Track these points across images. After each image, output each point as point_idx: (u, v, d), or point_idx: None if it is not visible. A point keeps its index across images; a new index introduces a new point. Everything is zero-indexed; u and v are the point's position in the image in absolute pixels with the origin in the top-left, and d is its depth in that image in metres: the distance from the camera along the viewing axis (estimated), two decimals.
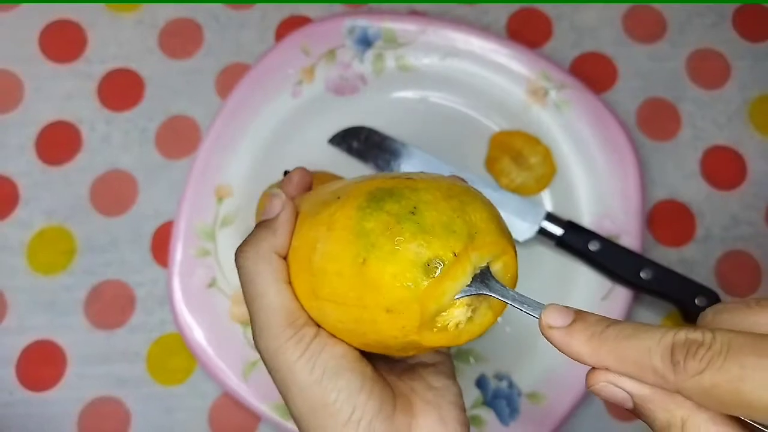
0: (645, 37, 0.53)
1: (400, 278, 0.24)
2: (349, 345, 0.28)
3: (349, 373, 0.27)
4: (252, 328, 0.29)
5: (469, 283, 0.25)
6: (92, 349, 0.46)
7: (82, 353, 0.46)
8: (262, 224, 0.29)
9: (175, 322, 0.45)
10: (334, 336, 0.28)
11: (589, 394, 0.45)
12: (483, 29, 0.51)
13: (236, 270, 0.29)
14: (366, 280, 0.25)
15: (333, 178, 0.43)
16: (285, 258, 0.29)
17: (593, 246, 0.45)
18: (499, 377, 0.45)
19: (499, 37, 0.50)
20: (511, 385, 0.45)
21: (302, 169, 0.33)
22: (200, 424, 0.45)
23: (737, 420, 0.21)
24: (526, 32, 0.53)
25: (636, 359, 0.21)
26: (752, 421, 0.20)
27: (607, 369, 0.22)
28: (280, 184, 0.33)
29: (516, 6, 0.53)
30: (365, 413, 0.27)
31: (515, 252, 0.27)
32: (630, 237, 0.47)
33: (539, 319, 0.24)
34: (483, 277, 0.25)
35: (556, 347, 0.23)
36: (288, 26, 0.52)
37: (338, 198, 0.27)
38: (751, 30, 0.53)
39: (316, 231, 0.27)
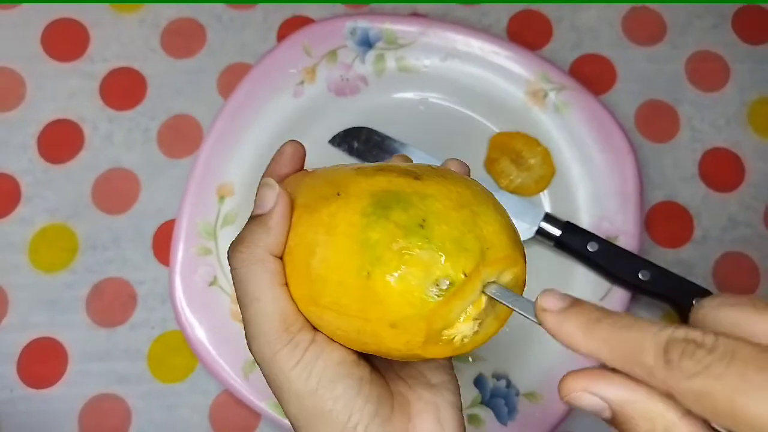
0: (644, 39, 0.53)
1: (406, 296, 0.23)
2: (348, 348, 0.27)
3: (346, 379, 0.26)
4: (246, 333, 0.27)
5: (477, 298, 0.24)
6: (93, 346, 0.47)
7: (83, 351, 0.47)
8: (256, 221, 0.27)
9: (176, 320, 0.46)
10: (332, 340, 0.27)
11: None
12: (483, 31, 0.51)
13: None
14: (370, 294, 0.24)
15: None
16: (281, 256, 0.27)
17: (591, 247, 0.45)
18: (497, 377, 0.45)
19: (500, 38, 0.50)
20: (509, 384, 0.45)
21: (295, 143, 0.30)
22: (201, 422, 0.46)
23: None
24: (527, 34, 0.53)
25: (628, 351, 0.20)
26: None
27: (597, 359, 0.21)
28: (270, 163, 0.31)
29: (516, 7, 0.53)
30: (362, 418, 0.26)
31: (525, 261, 0.25)
32: (628, 238, 0.47)
33: (534, 302, 0.22)
34: (492, 288, 0.24)
35: (549, 331, 0.22)
36: (290, 26, 0.53)
37: (338, 194, 0.26)
38: (750, 32, 0.53)
39: (314, 233, 0.26)
